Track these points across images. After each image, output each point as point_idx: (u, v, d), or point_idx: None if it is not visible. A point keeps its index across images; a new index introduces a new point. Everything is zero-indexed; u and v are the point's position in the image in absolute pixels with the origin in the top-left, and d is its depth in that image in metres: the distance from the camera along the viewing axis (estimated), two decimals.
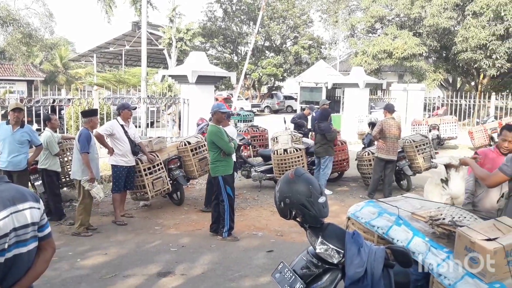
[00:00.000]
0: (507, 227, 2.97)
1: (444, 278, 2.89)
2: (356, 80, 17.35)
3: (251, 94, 40.27)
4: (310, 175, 3.12)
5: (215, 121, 6.38)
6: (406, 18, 25.47)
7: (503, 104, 18.34)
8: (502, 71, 21.38)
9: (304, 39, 34.95)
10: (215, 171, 6.31)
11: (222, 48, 37.03)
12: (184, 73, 11.72)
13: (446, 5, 21.70)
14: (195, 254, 5.72)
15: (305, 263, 2.97)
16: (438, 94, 27.53)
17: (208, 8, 35.75)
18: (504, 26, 19.76)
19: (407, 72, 28.54)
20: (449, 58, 24.51)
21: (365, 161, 9.26)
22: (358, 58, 25.22)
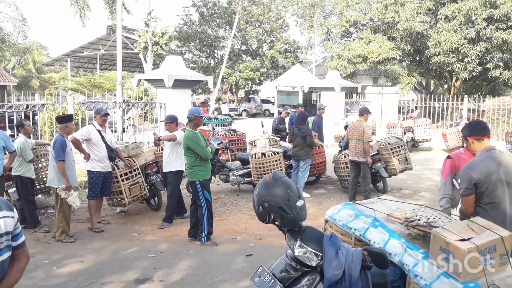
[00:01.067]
0: (480, 227, 3.04)
1: (420, 278, 2.95)
2: (332, 83, 17.54)
3: (228, 98, 40.25)
4: (288, 179, 3.15)
5: (193, 125, 6.38)
6: (380, 23, 25.89)
7: (475, 106, 18.79)
8: (474, 74, 21.90)
9: (280, 43, 35.14)
10: (192, 176, 6.28)
11: (199, 52, 36.94)
12: (160, 77, 11.66)
13: (419, 10, 22.14)
14: (173, 260, 5.68)
15: (284, 266, 2.99)
16: (412, 97, 28.03)
17: (184, 12, 35.66)
18: (475, 30, 20.26)
19: (381, 75, 28.99)
20: (422, 62, 24.99)
21: (342, 163, 9.35)
22: (334, 62, 25.49)
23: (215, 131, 11.64)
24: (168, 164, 7.22)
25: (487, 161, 3.67)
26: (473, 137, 3.84)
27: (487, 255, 2.87)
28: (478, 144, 3.82)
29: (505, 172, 3.63)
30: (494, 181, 3.60)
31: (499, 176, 3.61)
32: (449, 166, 4.47)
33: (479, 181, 3.60)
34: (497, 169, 3.62)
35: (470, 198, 3.66)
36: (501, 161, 3.67)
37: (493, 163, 3.65)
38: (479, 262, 2.83)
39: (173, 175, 7.21)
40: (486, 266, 2.85)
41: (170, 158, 7.20)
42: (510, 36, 19.53)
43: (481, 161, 3.70)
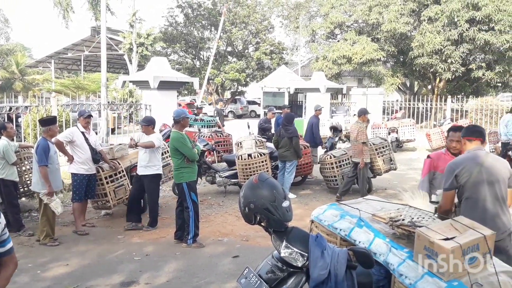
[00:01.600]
0: (464, 226, 3.09)
1: (405, 277, 2.98)
2: (317, 85, 17.64)
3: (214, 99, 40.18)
4: (274, 180, 3.16)
5: (179, 127, 6.38)
6: (364, 24, 26.10)
7: (458, 107, 19.04)
8: (457, 74, 22.20)
9: (265, 44, 35.20)
10: (179, 177, 6.26)
11: (184, 53, 36.81)
12: (145, 78, 11.60)
13: (403, 11, 22.37)
14: (159, 263, 5.66)
15: (270, 267, 3.00)
16: (396, 98, 28.29)
17: (169, 13, 35.48)
18: (457, 32, 20.54)
19: (366, 76, 29.21)
20: (406, 63, 25.25)
21: (328, 164, 9.39)
22: (319, 63, 25.63)
23: (201, 132, 11.60)
24: (145, 168, 6.97)
25: (470, 158, 3.77)
26: (466, 138, 3.94)
27: (470, 253, 2.91)
28: (469, 145, 3.90)
29: (488, 172, 3.70)
30: (475, 176, 3.68)
31: (481, 174, 3.69)
32: (428, 166, 4.57)
33: (460, 173, 3.69)
34: (480, 166, 3.70)
35: (450, 193, 3.74)
36: (485, 160, 3.75)
37: (476, 160, 3.74)
38: (463, 261, 2.87)
39: (150, 179, 7.00)
40: (469, 265, 2.89)
41: (147, 162, 6.96)
42: (492, 37, 19.83)
43: (465, 157, 3.83)
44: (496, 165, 3.78)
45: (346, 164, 9.33)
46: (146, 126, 7.15)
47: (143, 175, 7.01)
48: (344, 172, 9.27)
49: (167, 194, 9.44)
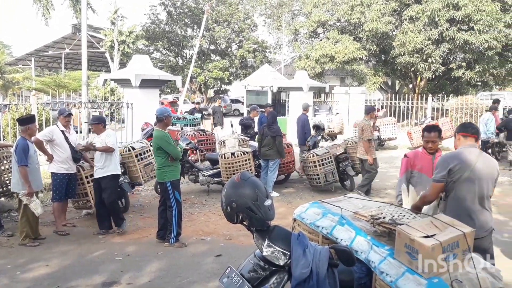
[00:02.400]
0: (444, 224, 3.13)
1: (386, 275, 3.00)
2: (300, 83, 17.68)
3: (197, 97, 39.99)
4: (256, 179, 3.16)
5: (162, 125, 6.33)
6: (347, 23, 26.24)
7: (439, 105, 19.29)
8: (438, 74, 22.47)
9: (248, 43, 35.16)
10: (162, 176, 6.22)
11: (167, 51, 36.58)
12: (127, 76, 11.49)
13: (385, 10, 22.55)
14: (141, 262, 5.61)
15: (252, 266, 2.99)
16: (378, 96, 28.52)
17: (151, 10, 35.22)
18: (438, 31, 20.79)
19: (348, 75, 29.40)
20: (388, 62, 25.47)
21: (310, 162, 9.43)
22: (302, 62, 25.69)
23: (184, 131, 11.54)
24: (103, 169, 6.69)
25: (465, 156, 3.79)
26: (461, 134, 3.96)
27: (450, 251, 2.95)
28: (464, 141, 3.93)
29: (479, 172, 3.75)
30: (467, 176, 3.72)
31: (473, 173, 3.73)
32: (405, 165, 4.62)
33: (453, 169, 3.72)
34: (473, 166, 3.74)
35: (439, 185, 3.78)
36: (478, 160, 3.78)
37: (470, 158, 3.77)
38: (443, 258, 2.90)
39: (109, 180, 6.72)
40: (449, 262, 2.93)
41: (104, 163, 6.69)
42: (472, 37, 20.12)
43: (460, 153, 3.84)
44: (488, 166, 3.83)
45: (329, 163, 9.37)
46: (96, 125, 6.89)
47: (100, 178, 6.73)
48: (327, 170, 9.32)
49: (149, 193, 9.38)
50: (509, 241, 6.50)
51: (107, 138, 6.74)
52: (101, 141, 6.76)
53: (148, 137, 10.41)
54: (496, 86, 26.43)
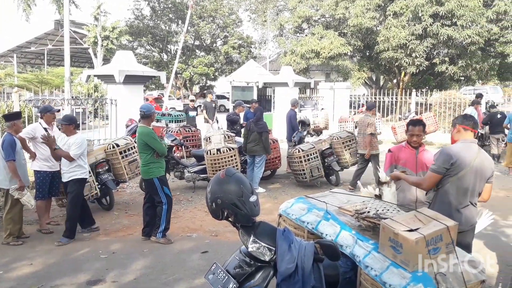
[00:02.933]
0: (427, 218, 3.16)
1: (370, 269, 3.03)
2: (285, 79, 17.69)
3: (182, 93, 39.81)
4: (241, 175, 3.15)
5: (148, 122, 6.31)
6: (331, 19, 26.27)
7: (423, 100, 19.44)
8: (421, 69, 22.64)
9: (233, 39, 35.05)
10: (148, 173, 6.18)
11: (151, 47, 36.30)
12: (110, 72, 11.38)
13: (369, 6, 22.64)
14: (126, 260, 5.57)
15: (238, 262, 2.99)
16: (362, 92, 28.69)
17: (135, 6, 34.90)
18: (422, 26, 20.93)
19: (333, 71, 29.47)
20: (372, 57, 25.59)
21: (296, 158, 9.45)
22: (287, 58, 25.69)
23: (169, 127, 11.47)
24: (69, 173, 6.30)
25: (466, 152, 3.79)
26: (462, 126, 3.93)
27: (434, 244, 2.98)
28: (464, 133, 3.91)
29: (476, 170, 3.77)
30: (464, 173, 3.73)
31: (471, 171, 3.74)
32: (389, 159, 4.65)
33: (454, 164, 3.70)
34: (472, 163, 3.75)
35: (438, 176, 3.76)
36: (477, 157, 3.79)
37: (470, 155, 3.77)
38: (427, 251, 2.93)
39: (74, 183, 6.31)
40: (432, 255, 2.96)
41: (71, 167, 6.28)
42: (455, 32, 20.31)
43: (463, 149, 3.81)
44: (485, 164, 3.84)
45: (314, 158, 9.41)
46: (66, 126, 6.40)
47: (66, 182, 6.37)
48: (312, 166, 9.35)
49: (134, 190, 9.31)
50: (492, 234, 6.59)
51: (73, 146, 6.23)
52: (67, 145, 6.29)
53: (133, 133, 10.32)
54: (479, 81, 26.76)
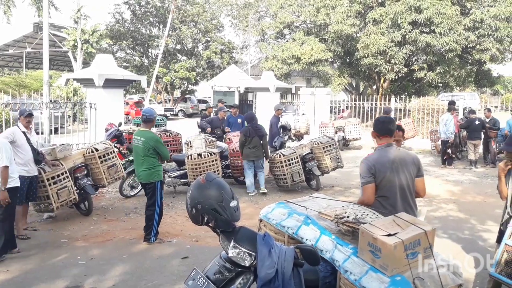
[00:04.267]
0: (405, 222, 3.19)
1: (350, 274, 3.04)
2: (267, 84, 17.77)
3: (163, 98, 39.59)
4: (222, 180, 3.14)
5: (150, 126, 6.49)
6: (312, 25, 26.53)
7: (401, 106, 19.72)
8: (400, 75, 22.99)
9: (215, 43, 35.04)
10: (153, 176, 6.28)
11: (132, 50, 36.01)
12: (90, 76, 11.27)
13: (349, 13, 22.92)
14: (105, 266, 5.50)
15: (218, 268, 2.98)
16: (343, 97, 28.94)
17: (115, 9, 34.61)
18: (401, 33, 21.27)
19: (314, 76, 29.70)
20: (352, 63, 25.88)
21: (277, 163, 9.46)
22: (269, 63, 25.81)
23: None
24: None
25: (385, 154, 3.85)
26: (376, 133, 4.02)
27: (412, 249, 3.01)
28: (378, 140, 4.00)
29: (397, 166, 3.81)
30: (388, 175, 3.77)
31: (393, 170, 3.79)
32: None
33: (376, 172, 3.76)
34: (392, 163, 3.80)
35: (370, 187, 3.79)
36: (396, 156, 3.84)
37: (389, 156, 3.82)
38: (405, 256, 2.96)
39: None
40: (411, 260, 2.99)
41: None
42: (433, 39, 20.68)
43: (379, 154, 3.89)
44: (407, 161, 3.88)
45: (295, 163, 9.44)
46: None
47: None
48: (293, 170, 9.38)
49: (113, 195, 9.20)
50: (469, 238, 6.71)
51: None
52: None
53: (112, 138, 10.23)
54: (456, 87, 27.25)
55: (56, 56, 35.01)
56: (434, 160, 14.05)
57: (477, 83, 26.89)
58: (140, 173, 6.35)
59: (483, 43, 21.44)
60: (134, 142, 6.41)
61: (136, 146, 6.37)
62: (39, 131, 12.06)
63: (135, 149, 6.45)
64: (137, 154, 6.36)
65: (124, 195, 8.91)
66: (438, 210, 8.30)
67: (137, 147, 6.35)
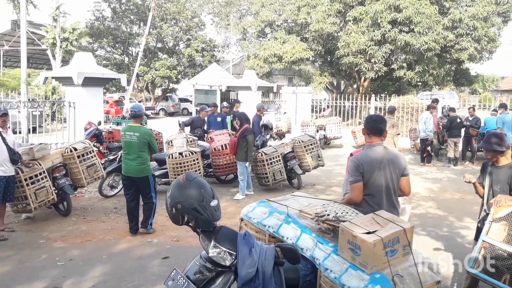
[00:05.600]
0: (384, 220, 3.22)
1: (330, 271, 3.05)
2: (248, 83, 17.77)
3: (144, 96, 39.25)
4: (202, 179, 3.12)
5: (139, 121, 6.67)
6: (294, 24, 26.60)
7: (381, 105, 19.91)
8: (380, 74, 23.18)
9: (197, 41, 34.87)
10: (146, 170, 6.56)
11: (112, 48, 35.61)
12: (69, 74, 11.13)
13: (330, 12, 23.04)
14: (84, 267, 5.42)
15: (198, 268, 2.96)
16: (324, 96, 29.08)
17: (95, 7, 34.16)
18: (380, 32, 21.46)
19: (295, 75, 29.79)
20: (333, 62, 26.03)
21: (259, 162, 9.46)
22: (251, 61, 25.80)
23: None
24: None
25: (373, 153, 3.89)
26: (365, 130, 4.05)
27: (391, 246, 3.04)
28: (367, 138, 4.04)
29: (384, 165, 3.85)
30: (375, 174, 3.82)
31: (380, 170, 3.84)
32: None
33: (364, 171, 3.80)
34: (379, 162, 3.84)
35: (358, 185, 3.83)
36: (384, 155, 3.89)
37: (377, 156, 3.87)
38: (384, 254, 2.98)
39: None
40: (390, 257, 3.01)
41: None
42: (412, 38, 20.91)
43: (368, 152, 3.92)
44: (394, 161, 3.93)
45: (277, 162, 9.45)
46: None
47: None
48: (275, 169, 9.39)
49: (93, 195, 9.09)
50: (448, 235, 6.81)
51: None
52: None
53: (92, 137, 10.10)
54: (435, 86, 27.61)
55: (34, 54, 34.47)
56: (414, 158, 14.24)
57: (455, 82, 27.28)
58: (132, 168, 6.48)
59: (462, 42, 21.76)
60: (127, 138, 6.48)
61: (129, 142, 6.46)
62: (17, 131, 11.86)
63: (127, 145, 6.51)
64: (130, 150, 6.48)
65: (104, 195, 8.81)
66: (418, 208, 8.41)
67: (131, 142, 6.46)
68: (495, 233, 4.12)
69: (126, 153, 6.59)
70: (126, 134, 6.51)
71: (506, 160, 4.50)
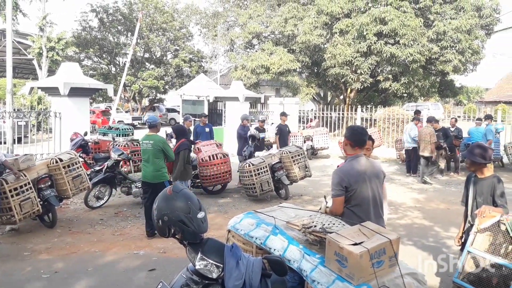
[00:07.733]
0: (371, 231, 3.23)
1: (317, 283, 3.05)
2: (236, 94, 17.80)
3: (131, 106, 39.08)
4: (189, 191, 3.11)
5: (156, 131, 7.23)
6: (281, 35, 26.77)
7: (368, 116, 20.09)
8: (366, 85, 23.39)
9: (184, 52, 34.89)
10: (162, 176, 7.07)
11: (99, 58, 35.48)
12: (55, 85, 11.06)
13: (316, 24, 23.24)
14: (69, 280, 5.35)
15: (185, 280, 2.94)
16: (311, 107, 29.23)
17: (82, 17, 34.06)
18: (366, 44, 21.68)
19: (283, 86, 29.91)
20: (320, 74, 26.21)
21: (247, 172, 9.46)
22: (238, 72, 25.87)
23: (116, 141, 11.18)
24: None
25: (356, 165, 3.87)
26: (349, 141, 3.97)
27: (377, 257, 3.05)
28: (350, 150, 3.97)
29: (369, 176, 3.88)
30: (361, 185, 3.83)
31: (366, 181, 3.85)
32: None
33: (349, 184, 3.78)
34: (364, 173, 3.86)
35: (340, 199, 3.82)
36: (368, 166, 3.91)
37: (361, 168, 3.87)
38: (370, 265, 3.00)
39: None
40: (376, 268, 3.03)
41: None
42: (397, 50, 21.17)
43: (351, 165, 3.89)
44: (375, 171, 3.97)
45: (265, 172, 9.46)
46: None
47: None
48: (262, 180, 9.40)
49: (78, 206, 8.99)
50: (434, 246, 6.85)
51: None
52: None
53: (78, 147, 10.03)
54: (421, 98, 27.92)
55: (20, 64, 34.16)
56: (399, 169, 14.34)
57: (440, 93, 27.61)
58: (148, 174, 7.07)
59: (446, 54, 22.07)
60: (144, 146, 7.19)
61: (146, 149, 7.14)
62: (1, 141, 11.72)
63: (144, 152, 7.17)
64: (147, 157, 7.10)
65: (90, 206, 8.72)
66: (404, 218, 8.46)
67: (147, 150, 7.11)
68: (480, 244, 4.17)
69: (144, 160, 7.20)
70: (143, 143, 7.20)
71: (488, 171, 4.57)
